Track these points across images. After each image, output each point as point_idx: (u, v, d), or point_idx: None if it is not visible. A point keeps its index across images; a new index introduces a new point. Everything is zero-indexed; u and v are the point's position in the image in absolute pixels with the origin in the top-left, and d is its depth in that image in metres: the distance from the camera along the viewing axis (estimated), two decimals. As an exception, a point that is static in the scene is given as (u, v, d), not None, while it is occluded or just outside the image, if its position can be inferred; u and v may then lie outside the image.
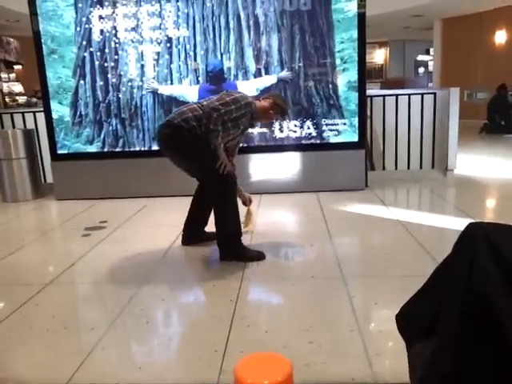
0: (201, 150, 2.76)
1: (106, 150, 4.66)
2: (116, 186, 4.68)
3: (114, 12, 4.47)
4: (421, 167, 5.09)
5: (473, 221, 1.17)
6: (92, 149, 4.66)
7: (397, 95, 5.02)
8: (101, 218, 3.96)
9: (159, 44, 4.49)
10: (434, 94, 5.00)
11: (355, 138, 4.55)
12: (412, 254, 2.81)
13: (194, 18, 4.44)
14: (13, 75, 12.38)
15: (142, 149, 4.61)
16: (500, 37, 10.95)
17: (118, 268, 2.80)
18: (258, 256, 2.84)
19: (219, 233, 2.85)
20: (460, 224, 3.27)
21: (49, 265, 2.99)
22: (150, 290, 2.46)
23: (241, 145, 3.25)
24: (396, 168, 5.11)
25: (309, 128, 4.59)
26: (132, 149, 4.64)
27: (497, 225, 1.22)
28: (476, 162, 6.00)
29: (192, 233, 3.15)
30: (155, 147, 4.51)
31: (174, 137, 2.78)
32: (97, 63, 4.54)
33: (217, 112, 2.69)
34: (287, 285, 2.47)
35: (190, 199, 3.17)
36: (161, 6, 4.44)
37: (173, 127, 2.76)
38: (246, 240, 3.07)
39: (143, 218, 3.98)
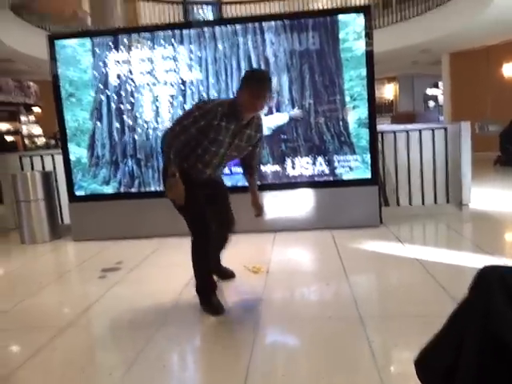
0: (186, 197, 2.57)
1: (121, 190, 4.73)
2: (132, 227, 4.73)
3: (129, 56, 4.64)
4: (435, 202, 5.06)
5: (491, 258, 1.17)
6: (108, 189, 4.74)
7: (407, 131, 5.06)
8: (117, 258, 3.98)
9: (173, 86, 4.62)
10: (445, 128, 5.03)
11: (368, 175, 4.56)
12: (430, 294, 2.76)
13: (206, 60, 4.58)
14: (32, 118, 12.78)
15: (157, 189, 4.68)
16: (508, 70, 11.05)
17: (133, 311, 2.80)
18: (216, 311, 2.64)
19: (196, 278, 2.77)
20: (478, 261, 3.21)
21: (66, 307, 3.00)
22: (166, 333, 2.45)
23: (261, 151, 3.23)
24: (410, 203, 5.08)
25: (321, 165, 4.62)
26: (147, 189, 4.71)
27: (509, 268, 1.22)
28: (491, 196, 5.95)
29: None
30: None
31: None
32: (113, 106, 4.68)
33: (172, 132, 2.50)
34: (304, 325, 2.43)
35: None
36: (174, 49, 4.60)
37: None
38: (260, 280, 3.06)
39: (158, 258, 3.99)
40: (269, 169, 4.65)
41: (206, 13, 11.20)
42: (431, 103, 15.60)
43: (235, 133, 2.58)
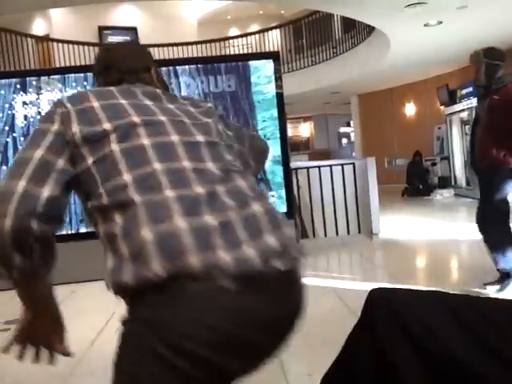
0: None
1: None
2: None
3: (38, 98, 4.50)
4: (348, 233, 5.33)
5: (400, 284, 1.25)
6: (15, 235, 4.45)
7: (319, 167, 5.34)
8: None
9: (86, 128, 4.53)
10: (353, 164, 5.37)
11: (284, 209, 4.71)
12: (345, 322, 2.84)
13: (120, 102, 4.56)
14: None
15: (69, 232, 4.47)
16: (410, 109, 12.13)
17: (37, 367, 2.60)
18: None
19: None
20: (386, 286, 3.40)
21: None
22: (75, 384, 2.30)
23: None
24: (325, 235, 5.30)
25: (239, 202, 4.70)
26: (58, 232, 4.48)
27: (397, 290, 1.32)
28: (399, 224, 6.37)
29: None
30: (82, 229, 4.40)
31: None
32: (20, 148, 4.46)
33: None
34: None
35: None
36: (85, 89, 4.53)
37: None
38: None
39: (69, 305, 3.77)
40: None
41: (124, 55, 11.21)
42: (344, 140, 16.59)
43: None
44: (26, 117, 4.48)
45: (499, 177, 2.91)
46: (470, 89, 8.03)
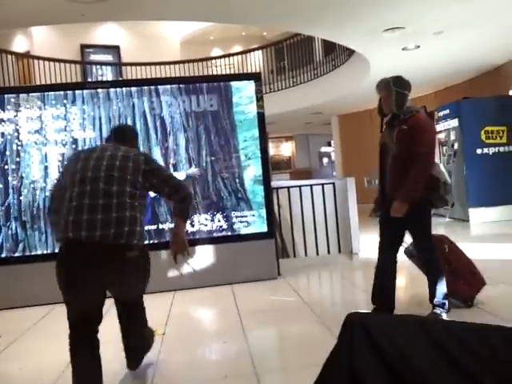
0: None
1: (3, 255, 4.35)
2: (15, 294, 4.31)
3: (16, 115, 4.44)
4: (328, 252, 5.34)
5: (363, 307, 1.25)
6: (-13, 255, 4.33)
7: (300, 186, 5.36)
8: (-5, 331, 3.58)
9: (64, 145, 4.48)
10: (333, 183, 5.42)
11: (264, 229, 4.70)
12: (325, 343, 2.83)
13: (100, 119, 4.54)
14: None
15: (45, 252, 4.37)
16: (389, 130, 12.33)
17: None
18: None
19: (143, 344, 2.54)
20: (369, 309, 3.40)
21: None
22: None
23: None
24: (306, 254, 5.30)
25: (219, 221, 4.68)
26: (33, 253, 4.39)
27: (374, 315, 1.33)
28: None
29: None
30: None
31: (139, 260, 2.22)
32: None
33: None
34: (198, 388, 2.36)
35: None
36: (66, 109, 4.50)
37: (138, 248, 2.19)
38: (155, 343, 2.94)
39: (45, 326, 3.67)
40: (166, 227, 4.59)
41: (106, 73, 11.18)
42: (325, 160, 16.77)
43: None
44: (2, 134, 4.41)
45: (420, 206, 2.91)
46: (447, 111, 8.24)
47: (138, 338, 2.47)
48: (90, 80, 10.23)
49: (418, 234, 3.04)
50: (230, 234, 4.68)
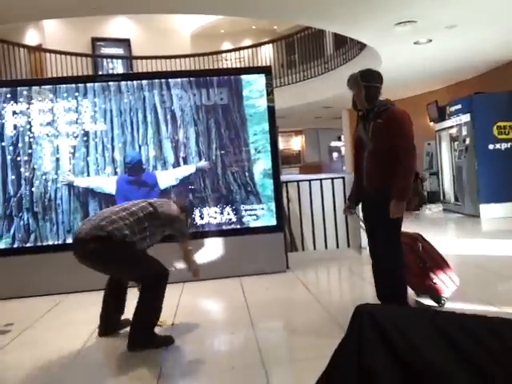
0: (134, 257, 2.83)
1: (15, 245, 4.42)
2: (26, 284, 4.38)
3: (28, 108, 4.48)
4: (337, 246, 5.33)
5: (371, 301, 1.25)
6: (0, 245, 4.40)
7: (309, 180, 5.35)
8: (7, 320, 3.64)
9: (76, 138, 4.52)
10: (343, 178, 5.40)
11: (273, 222, 4.71)
12: (333, 336, 2.85)
13: (111, 112, 4.56)
14: None
15: (56, 242, 4.43)
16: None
17: (25, 377, 2.56)
18: (166, 341, 2.83)
19: (139, 320, 2.78)
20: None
21: None
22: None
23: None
24: (315, 248, 5.30)
25: (228, 214, 4.70)
26: (45, 243, 4.44)
27: (382, 306, 1.33)
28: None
29: (110, 323, 3.08)
30: (69, 240, 4.35)
31: (105, 249, 2.74)
32: (9, 157, 4.44)
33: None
34: (207, 378, 2.39)
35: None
36: (77, 101, 4.53)
37: (104, 239, 2.72)
38: (165, 333, 2.97)
39: (55, 316, 3.72)
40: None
41: (116, 66, 11.23)
42: (335, 154, 16.71)
43: None
44: (15, 126, 4.46)
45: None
46: (459, 106, 8.15)
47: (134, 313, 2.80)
48: (100, 73, 10.27)
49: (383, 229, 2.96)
50: (239, 226, 4.69)
